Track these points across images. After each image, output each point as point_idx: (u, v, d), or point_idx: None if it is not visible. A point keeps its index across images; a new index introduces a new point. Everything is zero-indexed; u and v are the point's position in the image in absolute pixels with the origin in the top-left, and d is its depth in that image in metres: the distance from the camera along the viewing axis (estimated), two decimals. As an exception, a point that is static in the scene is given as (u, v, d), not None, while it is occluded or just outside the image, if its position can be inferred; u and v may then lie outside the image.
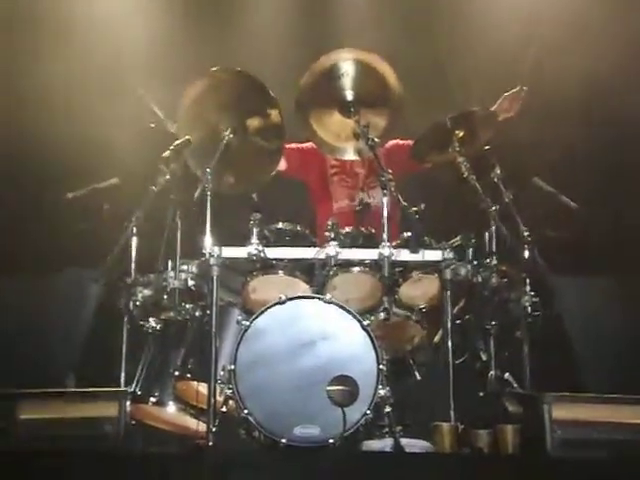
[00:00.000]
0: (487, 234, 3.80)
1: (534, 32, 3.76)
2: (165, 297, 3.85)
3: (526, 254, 3.73)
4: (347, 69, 3.91)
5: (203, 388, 3.68)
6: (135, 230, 3.89)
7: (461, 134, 3.94)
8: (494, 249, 3.77)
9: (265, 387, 3.50)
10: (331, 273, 3.75)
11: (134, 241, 3.90)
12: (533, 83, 4.03)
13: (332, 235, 3.73)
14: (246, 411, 3.43)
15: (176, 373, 3.75)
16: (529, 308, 3.69)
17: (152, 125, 4.07)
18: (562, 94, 4.58)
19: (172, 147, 3.81)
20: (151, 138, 4.03)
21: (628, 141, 4.57)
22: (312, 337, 3.54)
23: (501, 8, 4.83)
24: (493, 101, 4.11)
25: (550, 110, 4.56)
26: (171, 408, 3.74)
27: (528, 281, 3.72)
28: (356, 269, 3.75)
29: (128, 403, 3.50)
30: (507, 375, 3.70)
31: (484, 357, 3.79)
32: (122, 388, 3.70)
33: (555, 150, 4.30)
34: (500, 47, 4.65)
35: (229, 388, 3.53)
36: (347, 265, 3.75)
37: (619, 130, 4.61)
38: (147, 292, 3.88)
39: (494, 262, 3.77)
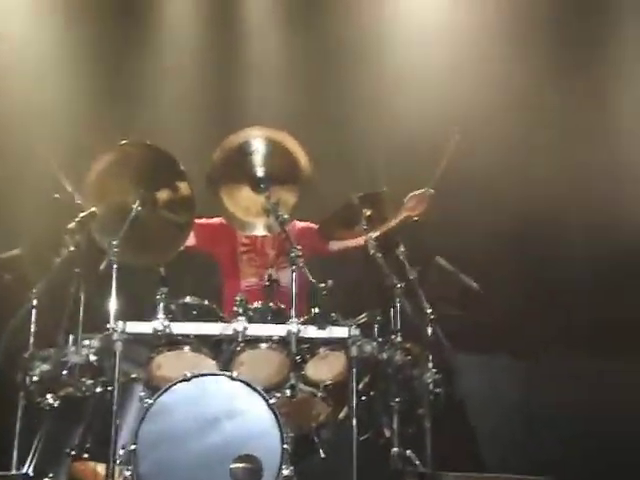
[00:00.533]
0: (392, 311, 3.91)
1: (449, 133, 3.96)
2: (64, 372, 3.68)
3: (429, 331, 3.86)
4: (258, 146, 3.96)
5: (102, 468, 3.55)
6: (36, 302, 3.74)
7: (368, 213, 4.07)
8: (399, 326, 3.85)
9: (167, 467, 3.40)
10: (238, 349, 3.72)
11: (34, 314, 3.75)
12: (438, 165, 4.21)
13: (240, 310, 3.71)
14: (145, 493, 3.34)
15: (72, 452, 3.61)
16: (431, 385, 3.75)
17: (56, 196, 3.99)
18: (465, 174, 4.81)
19: (77, 219, 3.74)
20: (56, 209, 3.95)
21: (531, 220, 4.81)
22: (217, 415, 3.48)
23: (411, 89, 5.05)
24: (400, 184, 4.27)
25: (453, 191, 4.76)
26: (65, 490, 3.61)
27: (431, 358, 3.82)
28: (264, 345, 3.73)
29: (20, 488, 3.36)
30: (409, 452, 3.73)
31: (388, 433, 3.82)
32: (13, 472, 3.51)
33: (458, 229, 4.48)
34: (410, 131, 4.85)
35: (128, 469, 3.41)
36: (255, 341, 3.73)
37: (523, 208, 4.85)
38: (45, 367, 3.72)
39: (399, 339, 3.83)
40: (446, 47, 5.03)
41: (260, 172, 3.97)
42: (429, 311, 3.83)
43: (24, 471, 3.53)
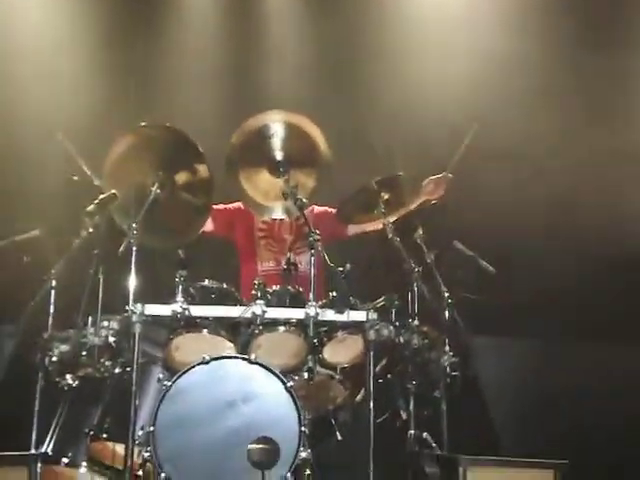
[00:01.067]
0: (409, 295, 3.93)
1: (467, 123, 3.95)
2: (84, 353, 3.72)
3: (446, 315, 3.88)
4: (277, 130, 3.97)
5: (120, 448, 3.58)
6: (55, 284, 3.79)
7: (386, 197, 4.08)
8: (416, 310, 3.87)
9: (185, 449, 3.43)
10: (256, 332, 3.74)
11: (53, 295, 3.81)
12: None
13: (259, 294, 3.73)
14: (163, 475, 3.35)
15: (91, 432, 3.63)
16: (448, 368, 3.79)
17: (75, 177, 4.00)
18: (486, 160, 4.80)
19: (97, 201, 3.75)
20: (74, 190, 3.96)
21: (550, 205, 4.80)
22: (235, 398, 3.51)
23: (429, 75, 5.04)
24: (417, 167, 4.27)
25: (473, 173, 4.75)
26: (84, 469, 3.63)
27: (448, 341, 3.85)
28: (281, 328, 3.76)
29: (39, 466, 3.39)
30: (425, 434, 3.76)
31: (404, 416, 3.85)
32: (32, 451, 3.55)
33: (476, 212, 4.48)
34: (427, 115, 4.84)
35: (147, 450, 3.45)
36: (273, 324, 3.75)
37: (545, 192, 4.84)
38: (64, 348, 3.76)
39: (416, 323, 3.86)
40: (463, 31, 5.00)
41: (279, 155, 3.98)
42: (446, 295, 3.87)
43: (43, 450, 3.58)
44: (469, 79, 4.98)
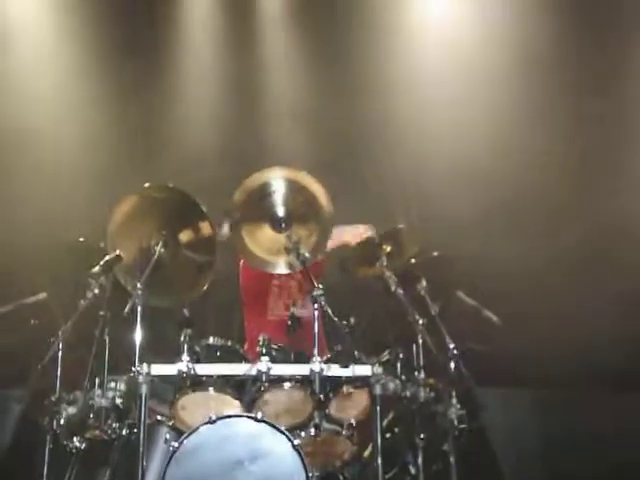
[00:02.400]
0: (414, 347, 3.92)
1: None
2: (91, 415, 3.74)
3: (452, 367, 3.86)
4: (278, 186, 4.00)
5: (129, 511, 3.58)
6: (62, 346, 3.79)
7: (388, 249, 4.11)
8: (421, 363, 3.86)
9: (194, 510, 3.43)
10: (262, 389, 3.73)
11: (60, 357, 3.80)
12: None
13: (264, 350, 3.75)
14: (174, 537, 3.35)
15: (100, 496, 3.65)
16: (455, 421, 3.76)
17: (81, 240, 4.05)
18: (481, 205, 4.81)
19: (102, 262, 3.79)
20: (80, 252, 4.00)
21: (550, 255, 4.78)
22: (242, 456, 3.50)
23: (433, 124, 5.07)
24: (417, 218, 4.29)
25: (476, 224, 4.76)
26: (94, 532, 3.62)
27: (454, 393, 3.83)
28: (287, 384, 3.76)
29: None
30: (435, 490, 3.73)
31: (413, 471, 3.82)
32: (42, 516, 3.54)
33: (478, 263, 4.48)
34: (428, 165, 4.86)
35: (156, 512, 3.45)
36: (278, 380, 3.75)
37: (542, 244, 4.82)
38: (72, 410, 3.78)
39: (422, 376, 3.86)
40: (470, 79, 5.00)
41: (281, 211, 4.01)
42: (451, 346, 3.86)
43: (52, 514, 3.56)
44: (475, 130, 4.99)
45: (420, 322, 3.85)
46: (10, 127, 4.84)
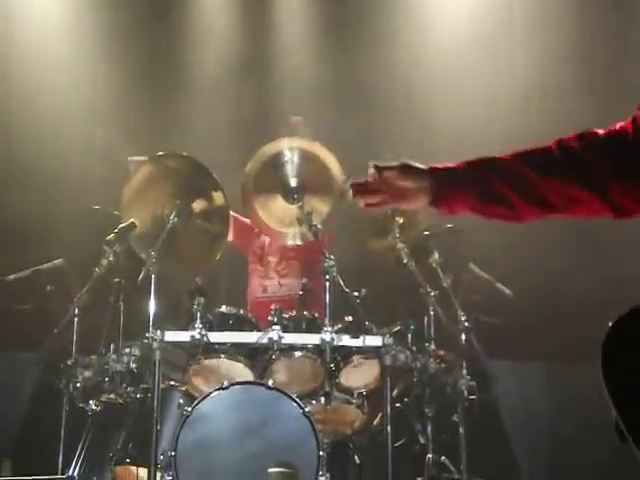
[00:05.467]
0: (426, 319, 3.94)
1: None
2: (106, 379, 3.81)
3: (463, 338, 3.88)
4: (291, 157, 4.02)
5: (143, 472, 3.65)
6: (77, 311, 3.87)
7: (401, 221, 4.10)
8: (432, 334, 3.88)
9: (206, 474, 3.49)
10: (273, 357, 3.78)
11: (75, 322, 3.88)
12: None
13: (275, 319, 3.78)
14: (186, 499, 3.43)
15: (115, 457, 3.72)
16: (465, 392, 3.79)
17: (96, 207, 4.09)
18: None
19: (116, 230, 3.85)
20: (96, 219, 4.05)
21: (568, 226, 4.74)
22: (254, 423, 3.55)
23: (446, 95, 5.03)
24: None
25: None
26: (108, 493, 3.72)
27: (465, 365, 3.85)
28: (298, 353, 3.80)
29: (65, 491, 3.48)
30: (444, 459, 3.76)
31: (422, 440, 3.86)
32: (60, 475, 3.64)
33: (492, 235, 4.46)
34: (443, 136, 4.81)
35: (169, 474, 3.50)
36: (289, 349, 3.79)
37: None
38: (88, 374, 3.86)
39: (432, 347, 3.87)
40: (482, 49, 4.93)
41: (293, 182, 4.02)
42: (463, 318, 3.86)
43: (70, 474, 3.66)
44: (488, 99, 4.93)
45: (432, 294, 3.88)
46: (23, 93, 4.87)
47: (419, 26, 5.09)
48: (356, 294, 3.77)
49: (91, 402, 3.81)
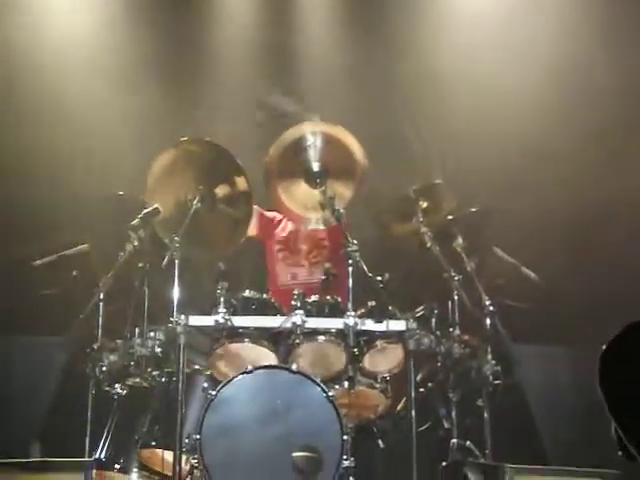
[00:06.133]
0: (450, 303, 3.92)
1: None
2: (132, 363, 3.85)
3: (488, 323, 3.85)
4: (314, 141, 4.01)
5: (169, 455, 3.69)
6: (103, 296, 3.89)
7: (425, 205, 4.08)
8: (457, 319, 3.86)
9: (230, 457, 3.52)
10: (297, 341, 3.79)
11: (101, 307, 3.90)
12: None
13: (298, 304, 3.79)
14: (211, 482, 3.46)
15: (141, 440, 3.75)
16: (490, 377, 3.77)
17: (120, 193, 4.12)
18: (523, 163, 4.71)
19: (141, 215, 3.87)
20: (120, 205, 4.07)
21: (590, 209, 4.66)
22: (278, 407, 3.57)
23: (468, 81, 4.97)
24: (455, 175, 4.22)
25: (513, 178, 4.67)
26: (135, 475, 3.73)
27: (489, 350, 3.82)
28: (321, 338, 3.81)
29: (94, 472, 3.53)
30: (468, 443, 3.75)
31: (446, 425, 3.86)
32: (87, 458, 3.66)
33: (517, 218, 4.42)
34: (467, 121, 4.77)
35: (194, 457, 3.55)
36: (313, 334, 3.80)
37: (584, 198, 4.69)
38: (113, 358, 3.89)
39: (457, 332, 3.86)
40: (507, 34, 4.86)
41: (316, 166, 4.02)
42: (487, 303, 3.83)
43: (96, 456, 3.71)
44: (514, 84, 4.86)
45: (456, 278, 3.86)
46: (50, 79, 4.91)
47: (443, 9, 5.02)
48: (379, 278, 3.74)
49: (117, 386, 3.85)
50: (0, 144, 4.76)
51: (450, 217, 4.05)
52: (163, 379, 3.83)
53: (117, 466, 3.66)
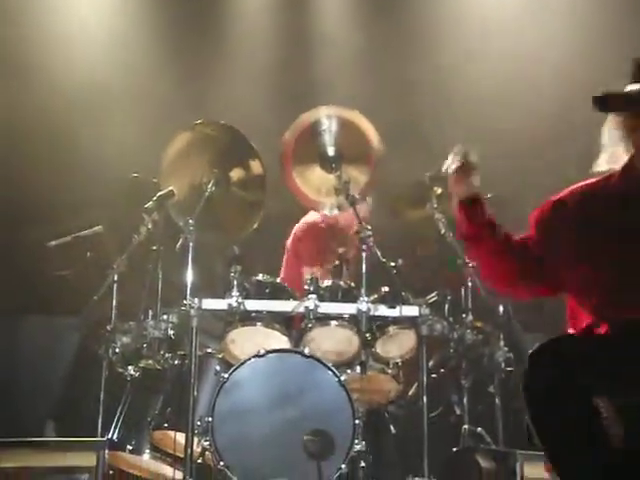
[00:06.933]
0: (463, 289, 3.91)
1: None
2: (145, 346, 3.89)
3: (501, 310, 3.85)
4: (329, 125, 3.98)
5: (180, 437, 3.70)
6: (117, 278, 3.94)
7: (439, 191, 4.06)
8: (470, 305, 3.87)
9: (242, 439, 3.53)
10: (309, 326, 3.79)
11: (115, 289, 3.95)
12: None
13: (311, 288, 3.80)
14: (222, 463, 3.45)
15: (153, 422, 3.76)
16: (502, 363, 3.79)
17: (135, 175, 4.12)
18: (536, 151, 4.69)
19: (155, 198, 3.88)
20: (134, 187, 4.08)
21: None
22: (290, 390, 3.58)
23: (483, 65, 4.94)
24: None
25: (527, 165, 4.66)
26: (147, 456, 3.75)
27: (502, 337, 3.83)
28: (334, 323, 3.81)
29: (106, 452, 3.56)
30: (480, 430, 3.76)
31: (458, 411, 3.87)
32: (99, 438, 3.70)
33: (531, 204, 4.38)
34: (479, 105, 4.75)
35: (206, 440, 3.56)
36: (325, 318, 3.80)
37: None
38: (127, 340, 3.92)
39: (470, 318, 3.87)
40: (520, 25, 4.84)
41: (331, 151, 3.98)
42: (501, 290, 3.84)
43: (109, 436, 3.73)
44: (530, 68, 4.82)
45: (469, 265, 3.85)
46: (65, 63, 4.92)
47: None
48: (393, 264, 3.76)
49: (130, 367, 3.87)
50: (17, 127, 4.80)
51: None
52: (176, 361, 3.85)
53: (129, 447, 3.69)
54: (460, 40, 4.98)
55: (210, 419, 3.52)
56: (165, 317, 3.90)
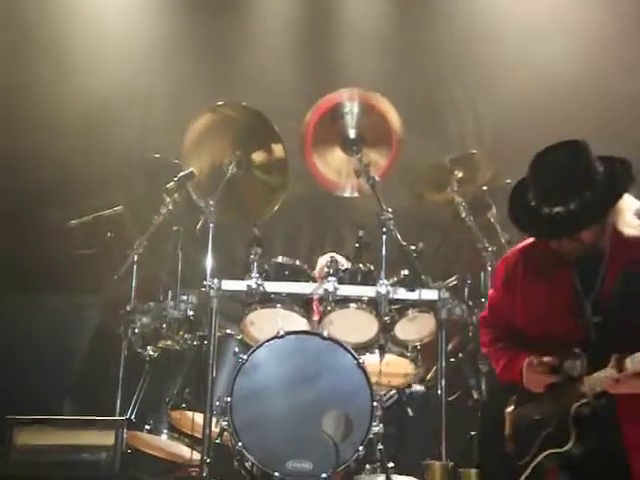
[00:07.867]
0: (482, 274, 3.90)
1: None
2: (164, 326, 3.90)
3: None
4: (350, 108, 3.99)
5: (199, 417, 3.72)
6: (137, 258, 3.95)
7: (460, 175, 4.06)
8: (489, 289, 3.84)
9: (260, 420, 3.54)
10: (329, 308, 3.79)
11: (135, 269, 3.97)
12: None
13: (331, 271, 3.79)
14: (240, 444, 3.46)
15: (171, 402, 3.78)
16: (522, 349, 3.77)
17: (156, 155, 4.13)
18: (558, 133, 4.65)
19: (176, 178, 3.90)
20: (155, 168, 4.08)
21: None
22: (308, 372, 3.58)
23: (506, 54, 4.92)
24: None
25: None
26: (165, 436, 3.78)
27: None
28: (353, 305, 3.79)
29: (125, 431, 3.58)
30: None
31: (476, 395, 3.86)
32: (119, 417, 3.74)
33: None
34: (504, 94, 4.71)
35: (224, 420, 3.57)
36: (345, 301, 3.79)
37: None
38: (146, 320, 3.94)
39: (489, 303, 3.85)
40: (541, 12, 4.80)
41: (352, 134, 3.99)
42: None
43: (127, 416, 3.76)
44: (550, 60, 4.78)
45: (489, 249, 3.84)
46: (86, 45, 4.92)
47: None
48: (413, 247, 3.73)
49: (149, 348, 3.89)
50: (41, 108, 4.81)
51: (485, 188, 4.02)
52: (195, 342, 3.86)
53: (147, 427, 3.72)
54: (482, 21, 4.93)
55: (229, 399, 3.51)
56: (185, 298, 3.91)
